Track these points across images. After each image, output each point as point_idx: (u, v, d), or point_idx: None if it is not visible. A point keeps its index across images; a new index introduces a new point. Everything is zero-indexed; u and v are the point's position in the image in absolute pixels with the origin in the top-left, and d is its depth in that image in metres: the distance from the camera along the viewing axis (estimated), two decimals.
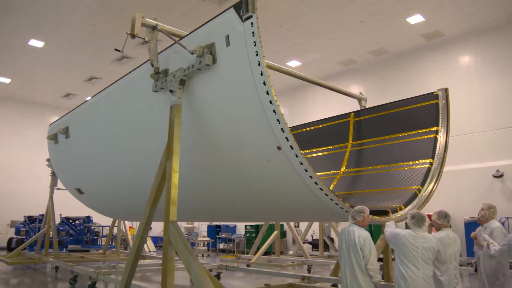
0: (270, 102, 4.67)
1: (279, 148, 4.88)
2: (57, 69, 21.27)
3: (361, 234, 5.31)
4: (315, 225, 17.59)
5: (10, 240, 22.01)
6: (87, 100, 9.83)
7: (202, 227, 26.58)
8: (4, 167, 24.49)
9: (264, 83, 4.65)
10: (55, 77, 22.44)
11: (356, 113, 9.80)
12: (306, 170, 4.92)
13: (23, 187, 23.94)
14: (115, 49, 6.96)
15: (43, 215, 16.51)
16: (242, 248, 22.09)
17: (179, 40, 5.86)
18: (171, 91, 5.79)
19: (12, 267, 14.22)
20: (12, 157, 24.95)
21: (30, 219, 21.45)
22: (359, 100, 10.38)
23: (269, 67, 4.78)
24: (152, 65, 6.12)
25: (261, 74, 4.66)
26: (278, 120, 4.70)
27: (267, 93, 4.66)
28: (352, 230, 5.39)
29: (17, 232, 21.88)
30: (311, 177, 4.98)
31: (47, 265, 14.92)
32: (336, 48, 18.89)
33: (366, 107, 10.17)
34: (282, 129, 4.72)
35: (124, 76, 7.59)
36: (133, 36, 5.91)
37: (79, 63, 20.49)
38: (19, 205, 22.74)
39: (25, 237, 20.82)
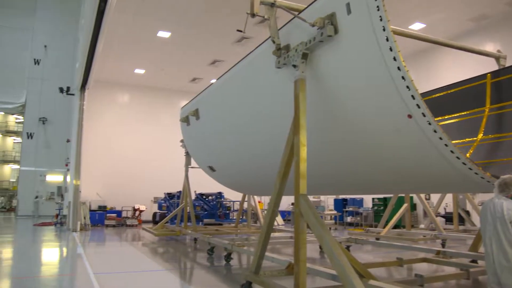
0: (398, 68, 4.45)
1: (409, 116, 4.64)
2: (183, 56, 22.83)
3: (510, 207, 4.81)
4: (448, 197, 16.55)
5: (155, 214, 24.74)
6: (213, 83, 10.36)
7: (328, 201, 26.67)
8: (145, 149, 27.27)
9: (391, 49, 4.44)
10: (182, 64, 24.11)
11: (494, 74, 8.85)
12: (440, 138, 4.61)
13: (162, 167, 26.29)
14: (237, 30, 7.22)
15: (180, 191, 18.06)
16: (369, 221, 21.71)
17: (298, 14, 5.84)
18: (294, 66, 5.81)
19: (158, 238, 15.90)
20: (152, 140, 27.64)
21: (170, 196, 23.68)
22: (497, 58, 9.38)
23: (393, 31, 4.51)
24: (273, 41, 6.21)
25: (387, 39, 4.45)
26: (407, 86, 4.46)
27: (394, 59, 4.44)
28: (499, 202, 4.91)
29: (159, 207, 24.50)
30: (446, 145, 4.65)
31: (186, 237, 16.37)
32: (465, 4, 17.07)
33: (506, 66, 9.14)
34: (412, 96, 4.47)
35: (247, 56, 7.83)
36: (253, 15, 6.04)
37: (202, 48, 21.72)
38: (160, 183, 25.14)
39: (166, 211, 23.14)
